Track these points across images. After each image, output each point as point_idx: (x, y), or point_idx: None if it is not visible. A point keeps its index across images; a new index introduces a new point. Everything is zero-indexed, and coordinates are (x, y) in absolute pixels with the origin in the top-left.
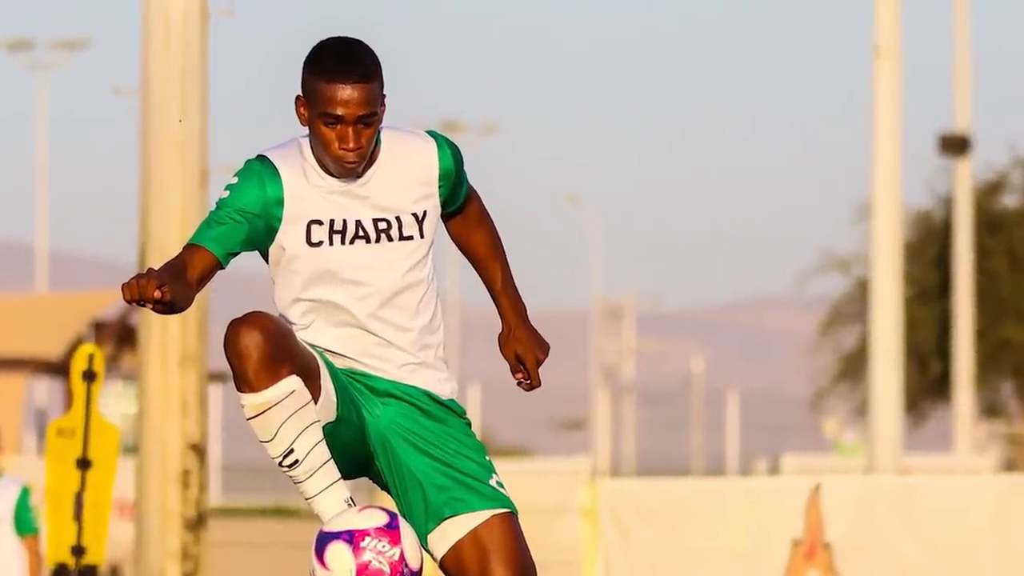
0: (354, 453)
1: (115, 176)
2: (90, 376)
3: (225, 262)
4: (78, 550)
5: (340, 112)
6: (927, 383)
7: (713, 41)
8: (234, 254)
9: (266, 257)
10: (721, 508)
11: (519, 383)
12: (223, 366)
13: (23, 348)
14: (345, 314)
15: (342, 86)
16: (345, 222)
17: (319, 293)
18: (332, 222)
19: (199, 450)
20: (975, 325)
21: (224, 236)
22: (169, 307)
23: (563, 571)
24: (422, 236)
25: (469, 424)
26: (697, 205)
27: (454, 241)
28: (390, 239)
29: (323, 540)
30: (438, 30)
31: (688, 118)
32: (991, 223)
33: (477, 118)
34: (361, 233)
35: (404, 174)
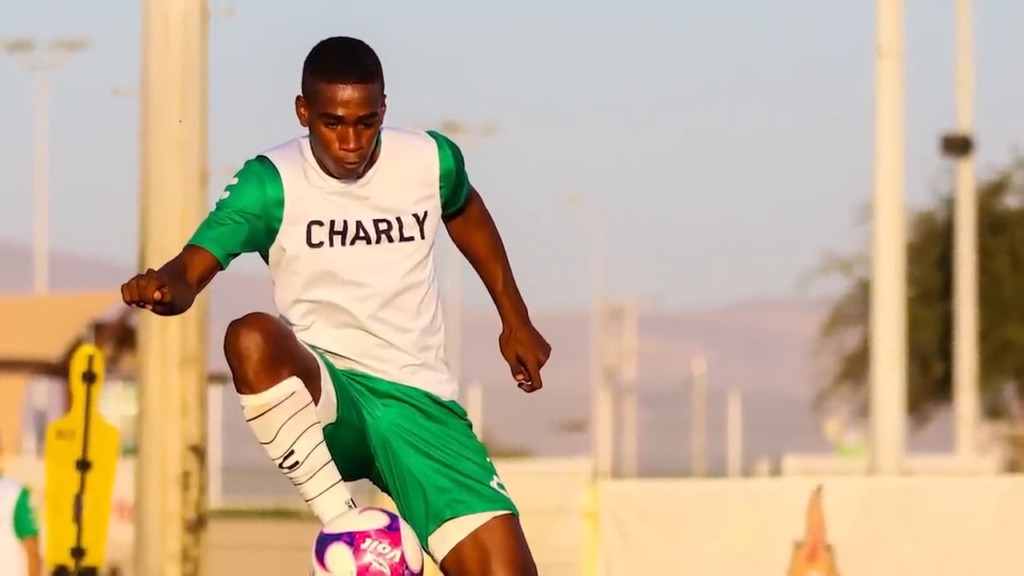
0: (354, 455)
1: (115, 177)
2: (90, 377)
3: (225, 263)
4: (78, 552)
5: (340, 112)
6: (929, 384)
7: (715, 41)
8: (234, 255)
9: (266, 258)
10: (723, 510)
11: (520, 384)
12: (223, 367)
13: (22, 349)
14: (345, 315)
15: (342, 86)
16: (345, 223)
17: (319, 294)
18: (332, 223)
19: (199, 452)
20: (977, 326)
21: (224, 237)
22: (169, 308)
23: (564, 573)
24: (423, 237)
25: (470, 425)
26: (698, 206)
27: (455, 242)
28: (391, 240)
29: (323, 542)
30: (439, 30)
31: (689, 118)
32: (993, 224)
33: (478, 118)
34: (362, 234)
35: (405, 175)
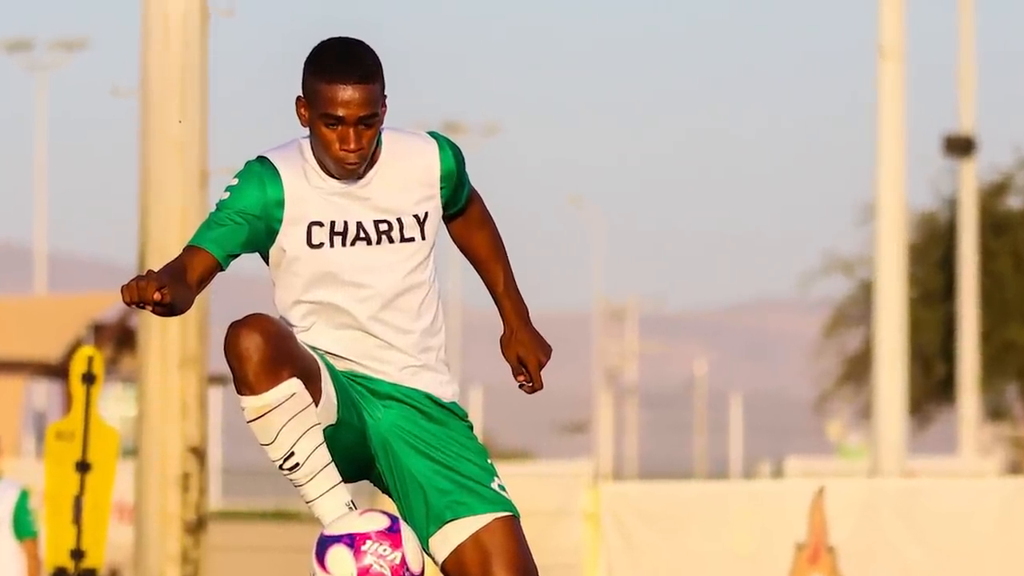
0: (355, 456)
1: (114, 177)
2: (89, 378)
3: (225, 264)
4: (77, 554)
5: (341, 113)
6: (931, 386)
7: (716, 41)
8: (234, 256)
9: (266, 259)
10: (724, 511)
11: (521, 386)
12: (223, 368)
13: (22, 350)
14: (346, 316)
15: (343, 87)
16: (346, 224)
17: (320, 295)
18: (333, 224)
19: (199, 453)
20: (980, 327)
21: (224, 238)
22: (169, 309)
23: (565, 574)
24: (423, 238)
25: (471, 427)
26: (700, 206)
27: (456, 243)
28: (391, 241)
29: (324, 544)
30: (439, 30)
31: (691, 119)
32: (996, 225)
33: (479, 119)
34: (362, 235)
35: (405, 175)
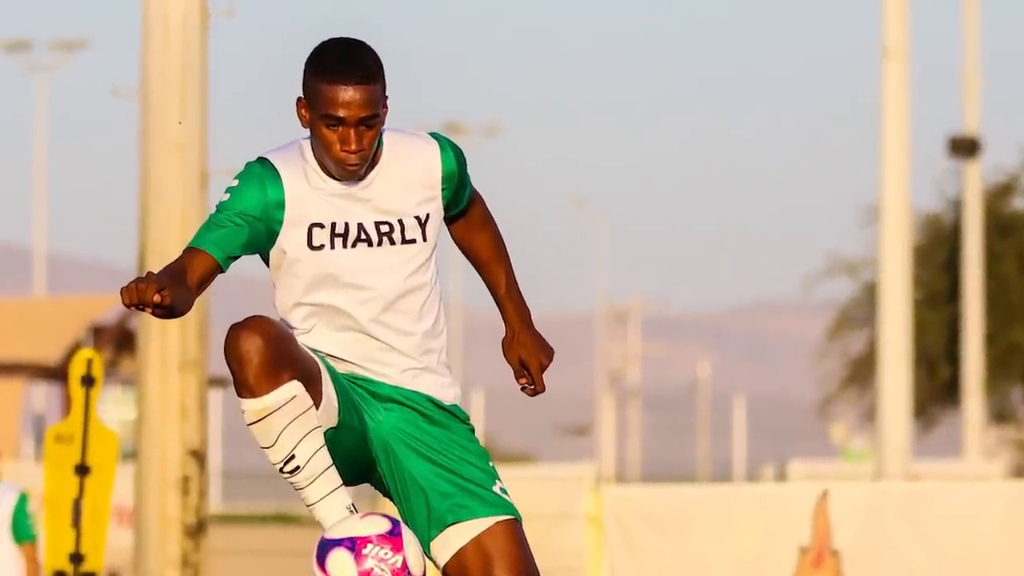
0: (356, 459)
1: (114, 178)
2: (89, 381)
3: (225, 266)
4: (76, 557)
5: (342, 114)
6: (936, 388)
7: (719, 41)
8: (234, 258)
9: (267, 261)
10: (727, 515)
11: (523, 388)
12: (223, 371)
13: (21, 353)
14: (347, 318)
15: (344, 87)
16: (347, 225)
17: (320, 297)
18: (334, 225)
19: (199, 456)
20: (985, 329)
21: (224, 239)
22: (169, 311)
23: None
24: (425, 239)
25: (472, 430)
26: (702, 207)
27: (457, 244)
28: (392, 242)
29: (325, 547)
30: (440, 30)
31: (693, 119)
32: (1001, 226)
33: (480, 119)
34: (363, 236)
35: (406, 176)
